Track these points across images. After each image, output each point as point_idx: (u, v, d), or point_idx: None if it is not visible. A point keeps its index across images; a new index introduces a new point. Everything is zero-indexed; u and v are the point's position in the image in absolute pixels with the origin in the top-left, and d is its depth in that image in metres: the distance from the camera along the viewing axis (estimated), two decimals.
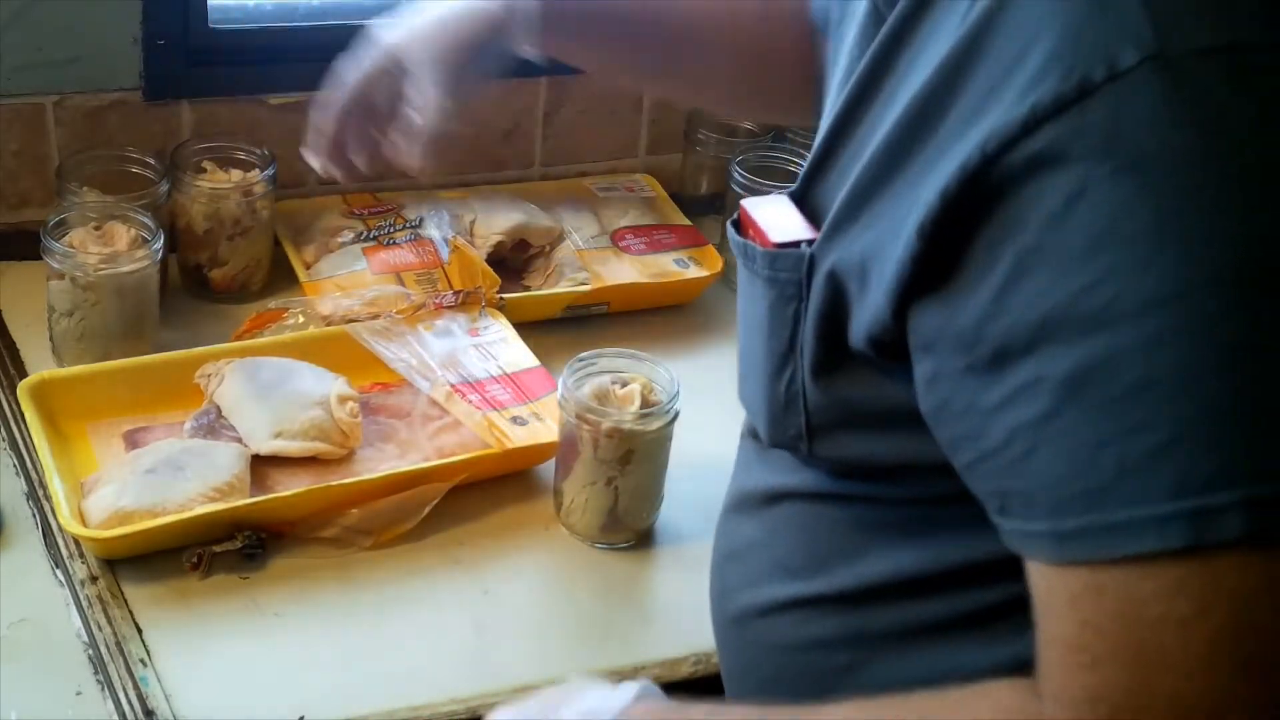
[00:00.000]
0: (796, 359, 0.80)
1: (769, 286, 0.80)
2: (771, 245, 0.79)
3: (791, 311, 0.79)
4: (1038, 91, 0.62)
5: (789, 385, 0.81)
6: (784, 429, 0.84)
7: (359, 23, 1.53)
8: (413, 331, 1.35)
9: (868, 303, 0.73)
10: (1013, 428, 0.66)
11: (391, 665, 1.09)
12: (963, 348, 0.67)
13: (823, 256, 0.76)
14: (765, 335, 0.82)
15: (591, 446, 1.18)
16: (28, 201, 1.46)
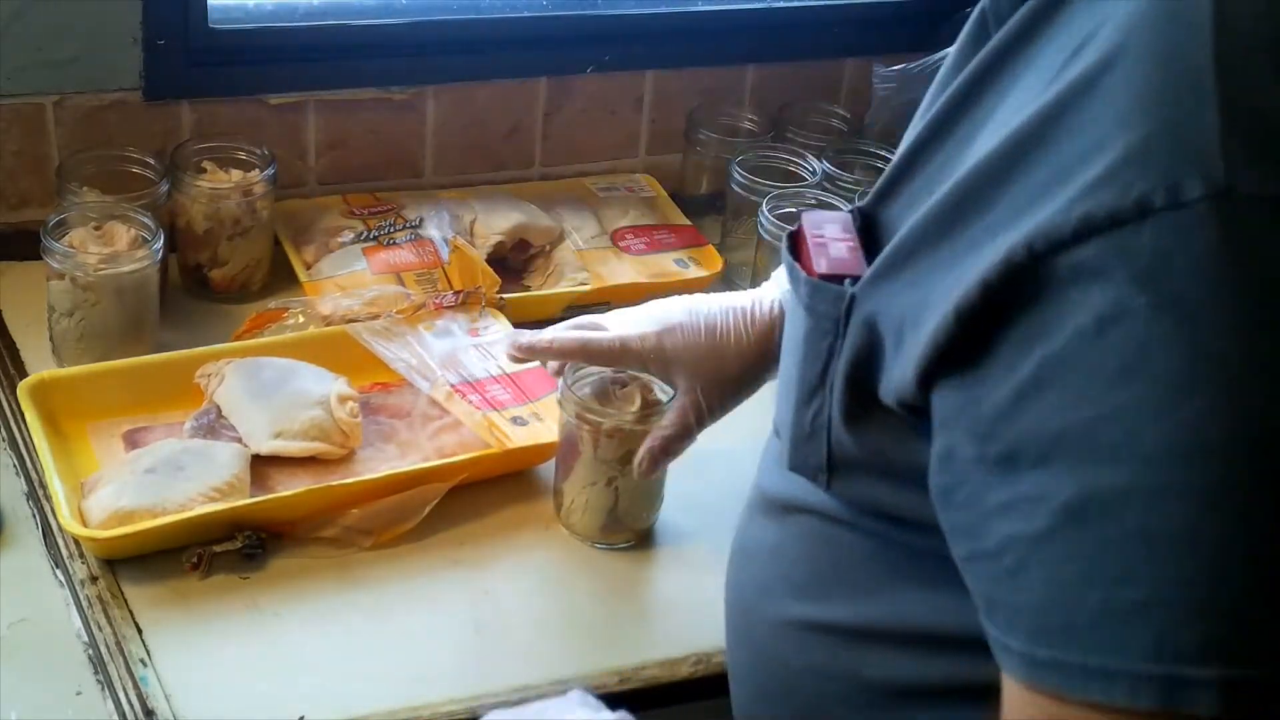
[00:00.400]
0: (826, 393, 0.78)
1: (808, 315, 0.78)
2: (815, 275, 0.76)
3: (826, 346, 0.77)
4: (1095, 199, 0.60)
5: (815, 416, 0.79)
6: (805, 457, 0.82)
7: (359, 23, 1.55)
8: (413, 331, 1.35)
9: (899, 362, 0.71)
10: (1008, 537, 0.64)
11: (391, 665, 1.09)
12: (977, 437, 0.66)
13: (864, 301, 0.74)
14: (800, 361, 0.80)
15: (592, 446, 1.18)
16: (28, 201, 1.46)
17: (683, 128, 1.69)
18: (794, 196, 1.52)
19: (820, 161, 1.59)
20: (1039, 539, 0.62)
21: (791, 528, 0.89)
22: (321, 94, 1.54)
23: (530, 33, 1.62)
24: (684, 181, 1.70)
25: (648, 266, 1.54)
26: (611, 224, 1.60)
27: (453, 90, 1.60)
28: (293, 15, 1.54)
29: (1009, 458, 0.64)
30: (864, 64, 1.73)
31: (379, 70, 1.56)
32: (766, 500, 0.92)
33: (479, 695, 1.07)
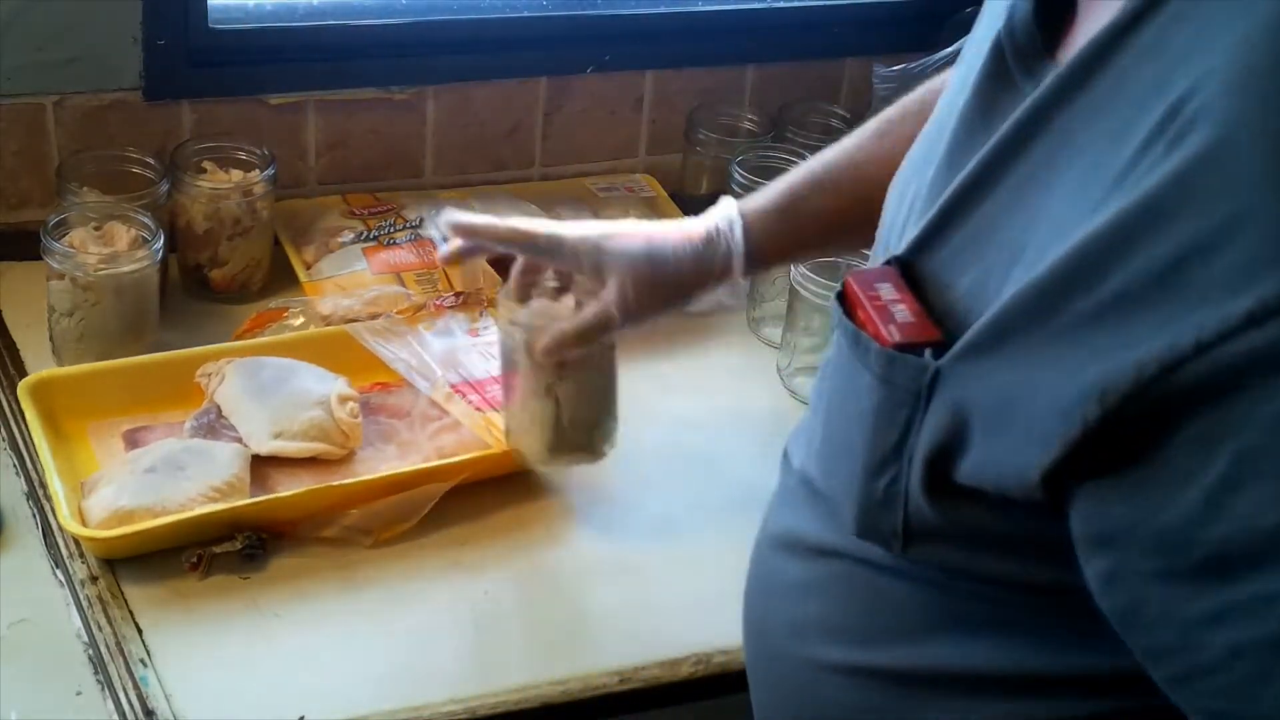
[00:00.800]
0: (903, 464, 0.73)
1: (880, 384, 0.73)
2: (889, 344, 0.71)
3: (904, 418, 0.72)
4: (1269, 281, 0.56)
5: (890, 485, 0.74)
6: (876, 524, 0.77)
7: (359, 23, 1.55)
8: (413, 331, 1.35)
9: (1002, 452, 0.67)
10: (1236, 646, 0.60)
11: (391, 665, 1.09)
12: (1162, 550, 0.61)
13: (950, 378, 0.69)
14: (868, 430, 0.74)
15: (526, 354, 1.14)
16: (28, 201, 1.47)
17: (683, 128, 1.69)
18: None
19: None
20: (1277, 642, 0.59)
21: (828, 571, 0.86)
22: (321, 94, 1.54)
23: (530, 33, 1.62)
24: (684, 181, 1.70)
25: None
26: None
27: (453, 90, 1.60)
28: (293, 15, 1.54)
29: (1214, 565, 0.60)
30: (864, 64, 1.73)
31: (379, 70, 1.56)
32: (793, 540, 0.89)
33: (479, 695, 1.07)
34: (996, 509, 0.69)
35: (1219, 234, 0.57)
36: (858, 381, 0.75)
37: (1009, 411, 0.65)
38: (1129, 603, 0.64)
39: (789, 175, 1.13)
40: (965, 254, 0.71)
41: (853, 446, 0.77)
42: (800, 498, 0.90)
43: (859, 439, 0.76)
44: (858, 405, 0.75)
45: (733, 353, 1.49)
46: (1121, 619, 0.66)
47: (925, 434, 0.71)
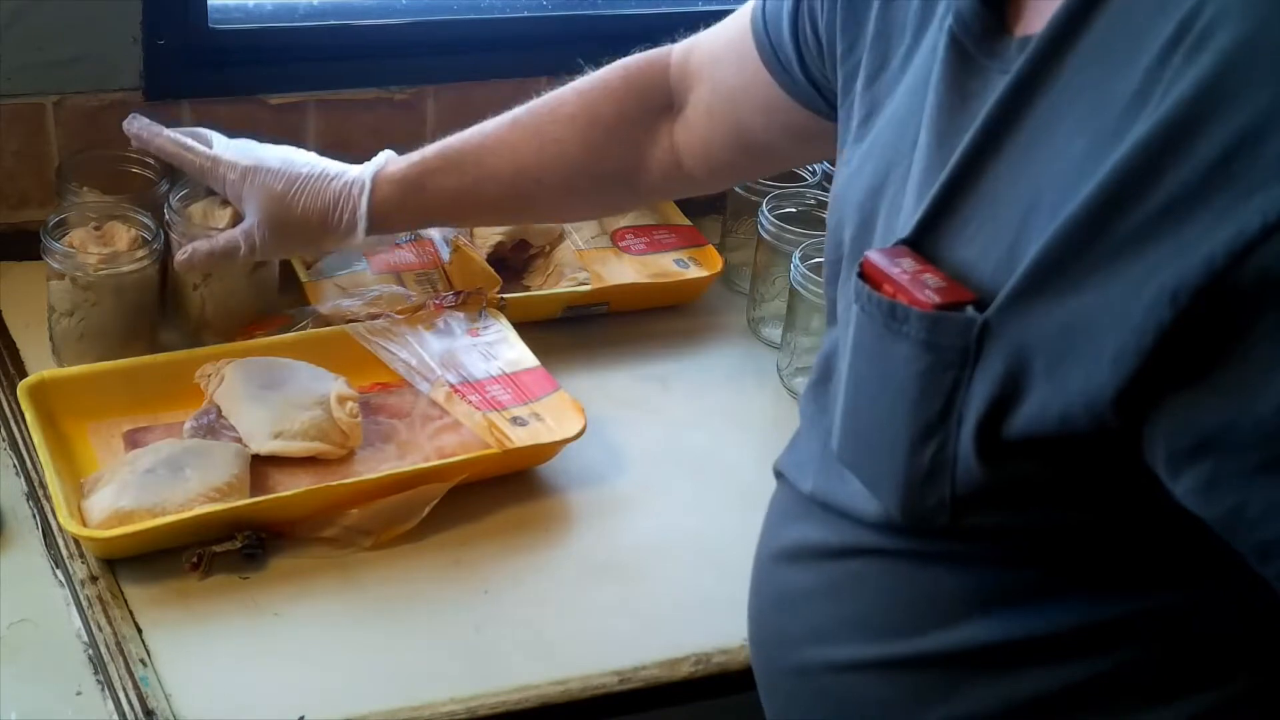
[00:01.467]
0: (950, 429, 0.73)
1: (923, 350, 0.73)
2: (930, 307, 0.72)
3: (950, 379, 0.72)
4: None
5: (935, 455, 0.74)
6: (921, 500, 0.77)
7: (359, 23, 1.55)
8: (413, 331, 1.35)
9: (1071, 386, 0.67)
10: None
11: (391, 665, 1.09)
12: (1261, 442, 0.62)
13: (1001, 326, 0.69)
14: (910, 402, 0.74)
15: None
16: (28, 201, 1.46)
17: None
18: (794, 196, 1.52)
19: (820, 161, 1.59)
20: None
21: (845, 571, 0.86)
22: (321, 94, 1.54)
23: (530, 33, 1.62)
24: None
25: (648, 266, 1.54)
26: (611, 224, 1.60)
27: (453, 90, 1.60)
28: (293, 15, 1.54)
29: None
30: None
31: (379, 70, 1.55)
32: (797, 550, 0.90)
33: (479, 695, 1.07)
34: (1051, 458, 0.70)
35: (1265, 120, 0.59)
36: (894, 354, 0.75)
37: (1073, 343, 0.66)
38: (1233, 505, 0.64)
39: (433, 146, 1.25)
40: (976, 220, 0.72)
41: (892, 424, 0.76)
42: (803, 510, 0.90)
43: (898, 413, 0.75)
44: (895, 379, 0.75)
45: (733, 353, 1.49)
46: (1226, 524, 0.66)
47: (976, 391, 0.71)
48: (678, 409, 1.39)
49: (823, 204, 1.51)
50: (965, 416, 0.72)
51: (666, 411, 1.39)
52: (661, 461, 1.32)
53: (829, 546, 0.87)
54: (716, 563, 1.22)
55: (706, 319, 1.54)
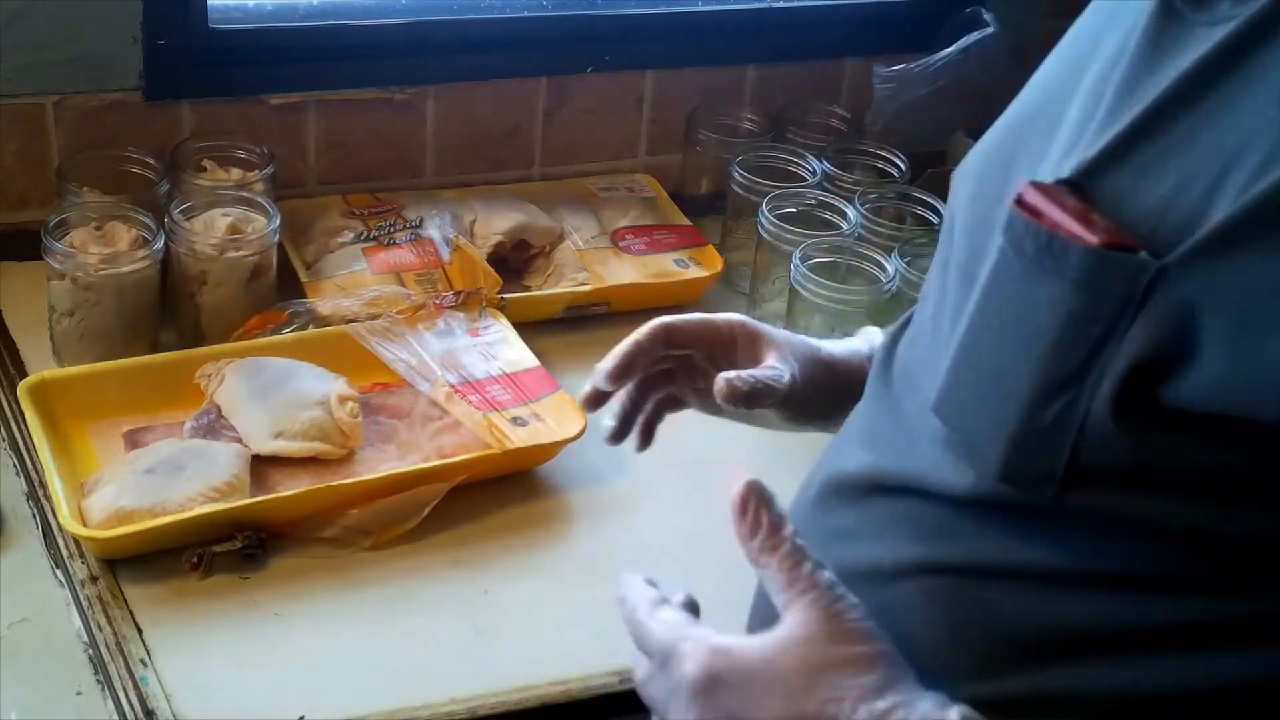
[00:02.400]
0: (1086, 386, 0.66)
1: (1078, 292, 0.66)
2: (1095, 244, 0.65)
3: (1099, 330, 0.65)
4: None
5: (1060, 414, 0.67)
6: (1028, 463, 0.69)
7: (359, 23, 1.55)
8: (413, 331, 1.35)
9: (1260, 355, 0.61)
10: None
11: (391, 665, 1.09)
12: None
13: (1180, 280, 0.63)
14: (1043, 348, 0.67)
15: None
16: (28, 201, 1.46)
17: (683, 128, 1.69)
18: (794, 196, 1.52)
19: (820, 161, 1.59)
20: None
21: (904, 591, 0.75)
22: (321, 94, 1.54)
23: (530, 33, 1.62)
24: (684, 181, 1.70)
25: (648, 266, 1.54)
26: (611, 224, 1.60)
27: (453, 90, 1.60)
28: (293, 15, 1.54)
29: None
30: (864, 64, 1.73)
31: (379, 70, 1.56)
32: (856, 573, 0.76)
33: (479, 695, 1.07)
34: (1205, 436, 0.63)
35: None
36: (1036, 296, 0.68)
37: (1272, 309, 0.61)
38: None
39: None
40: (1158, 169, 0.66)
41: (1013, 370, 0.69)
42: (863, 522, 0.80)
43: (1024, 359, 0.68)
44: (1032, 322, 0.68)
45: None
46: None
47: (1128, 347, 0.64)
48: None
49: (823, 204, 1.51)
50: (1106, 375, 0.65)
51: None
52: (661, 461, 1.32)
53: (893, 564, 0.76)
54: (716, 563, 1.21)
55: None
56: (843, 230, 1.48)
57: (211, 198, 1.38)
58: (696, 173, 1.68)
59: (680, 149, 1.69)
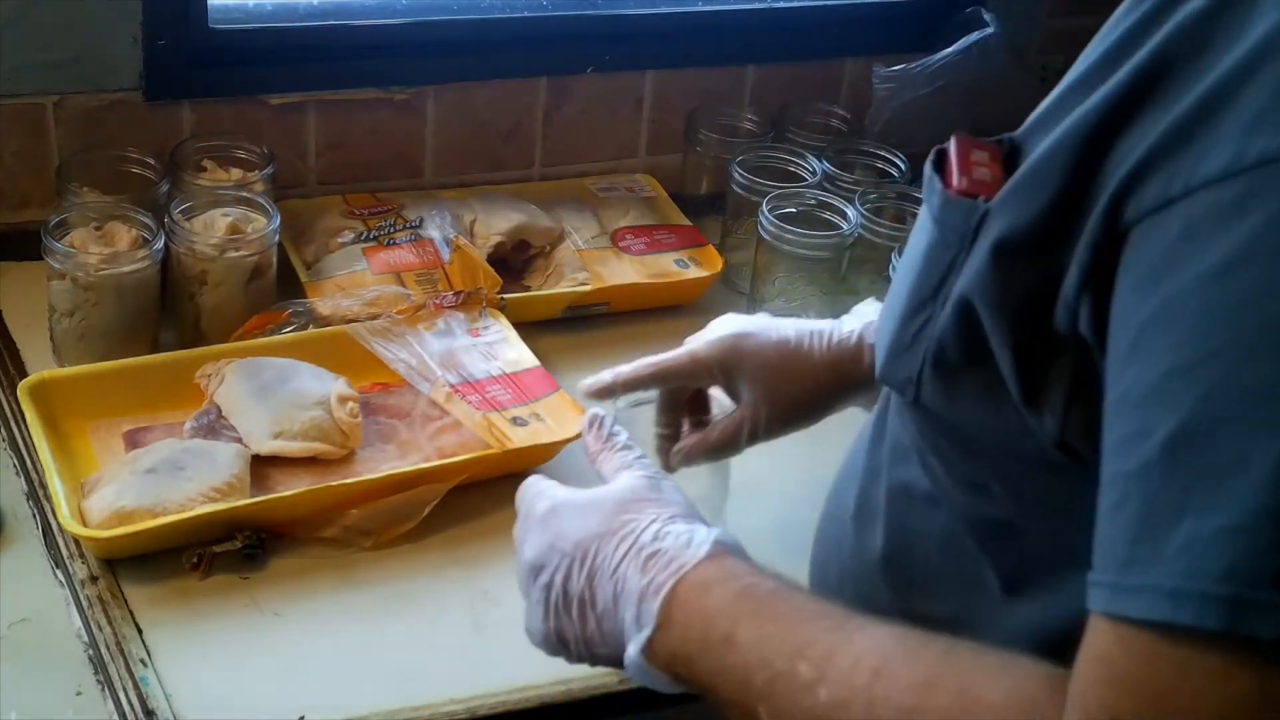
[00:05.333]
0: (937, 306, 0.78)
1: (935, 226, 0.79)
2: (952, 189, 0.78)
3: (948, 259, 0.77)
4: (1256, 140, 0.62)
5: (920, 329, 0.80)
6: (898, 367, 0.82)
7: (359, 23, 1.55)
8: (413, 332, 1.35)
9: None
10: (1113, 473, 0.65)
11: (391, 665, 1.09)
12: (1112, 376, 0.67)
13: (995, 217, 0.74)
14: (914, 272, 0.81)
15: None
16: (28, 201, 1.47)
17: (683, 128, 1.69)
18: (794, 196, 1.52)
19: (820, 161, 1.59)
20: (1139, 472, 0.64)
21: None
22: (321, 94, 1.54)
23: (530, 33, 1.62)
24: (684, 181, 1.70)
25: (648, 266, 1.54)
26: (611, 224, 1.60)
27: (453, 90, 1.60)
28: (293, 15, 1.54)
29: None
30: (864, 64, 1.73)
31: (379, 70, 1.56)
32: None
33: (479, 695, 1.07)
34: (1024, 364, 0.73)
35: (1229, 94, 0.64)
36: (921, 231, 0.82)
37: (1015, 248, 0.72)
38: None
39: None
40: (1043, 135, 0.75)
41: (900, 293, 0.82)
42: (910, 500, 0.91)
43: (907, 284, 0.81)
44: (915, 250, 0.82)
45: None
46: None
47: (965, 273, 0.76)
48: None
49: (823, 204, 1.51)
50: (950, 297, 0.77)
51: None
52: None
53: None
54: None
55: (706, 319, 1.52)
56: (842, 230, 1.48)
57: (211, 198, 1.39)
58: (696, 173, 1.68)
59: (680, 149, 1.69)
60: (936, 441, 0.84)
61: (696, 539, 0.85)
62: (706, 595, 0.82)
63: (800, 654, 0.76)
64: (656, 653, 0.83)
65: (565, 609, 0.89)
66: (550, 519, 0.90)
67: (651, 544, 0.85)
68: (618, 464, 0.93)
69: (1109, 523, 0.65)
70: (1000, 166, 0.78)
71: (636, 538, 0.86)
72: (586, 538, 0.87)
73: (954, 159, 0.79)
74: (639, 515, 0.87)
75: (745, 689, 0.78)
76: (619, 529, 0.87)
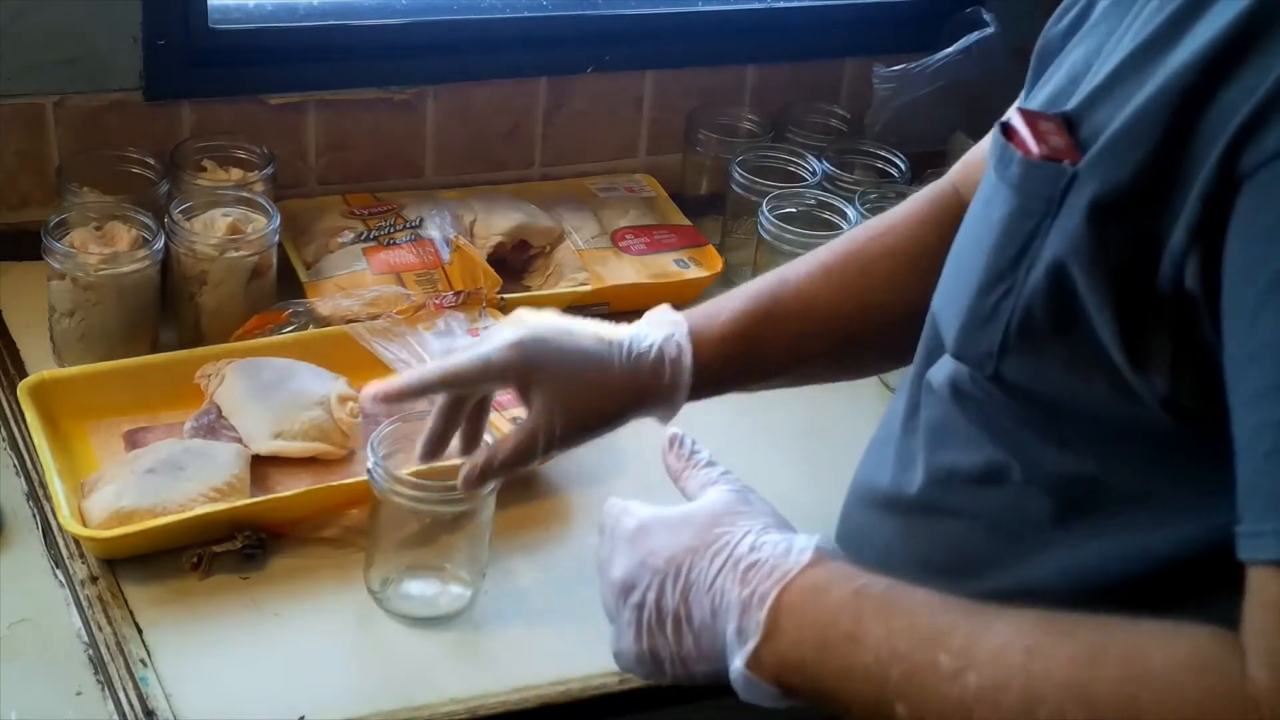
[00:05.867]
0: (1019, 276, 0.79)
1: (1013, 194, 0.79)
2: (1033, 155, 0.78)
3: (1030, 227, 0.78)
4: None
5: (1000, 299, 0.80)
6: (975, 342, 0.82)
7: (359, 23, 1.55)
8: (412, 331, 1.35)
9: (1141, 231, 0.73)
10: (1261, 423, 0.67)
11: (391, 665, 1.09)
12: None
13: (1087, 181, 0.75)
14: (990, 243, 0.81)
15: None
16: (28, 201, 1.47)
17: (683, 128, 1.69)
18: (794, 196, 1.52)
19: (820, 161, 1.59)
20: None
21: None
22: (321, 94, 1.54)
23: (530, 33, 1.62)
24: (684, 181, 1.70)
25: (648, 266, 1.54)
26: (611, 224, 1.60)
27: (453, 90, 1.60)
28: (293, 15, 1.54)
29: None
30: (864, 64, 1.73)
31: (379, 70, 1.56)
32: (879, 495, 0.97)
33: (479, 695, 1.07)
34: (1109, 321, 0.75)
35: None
36: (993, 198, 0.82)
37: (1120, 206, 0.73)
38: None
39: (736, 296, 1.08)
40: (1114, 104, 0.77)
41: (972, 267, 0.82)
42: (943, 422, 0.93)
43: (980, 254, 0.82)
44: (989, 221, 0.82)
45: None
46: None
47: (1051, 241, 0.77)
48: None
49: (823, 204, 1.52)
50: (1035, 266, 0.77)
51: None
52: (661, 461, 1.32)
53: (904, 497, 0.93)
54: None
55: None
56: (842, 230, 1.48)
57: (211, 198, 1.39)
58: (696, 173, 1.68)
59: (680, 149, 1.69)
60: (1017, 413, 0.84)
61: (797, 546, 0.84)
62: (820, 598, 0.81)
63: (938, 643, 0.75)
64: (763, 663, 0.82)
65: (659, 627, 0.87)
66: (640, 537, 0.88)
67: (749, 555, 0.84)
68: (703, 480, 0.92)
69: (1263, 472, 0.66)
70: (1069, 135, 0.78)
71: (732, 550, 0.84)
72: (679, 553, 0.86)
73: (1024, 128, 0.80)
74: (732, 528, 0.86)
75: (879, 686, 0.77)
76: (713, 543, 0.85)
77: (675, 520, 0.88)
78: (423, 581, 1.14)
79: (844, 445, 1.12)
